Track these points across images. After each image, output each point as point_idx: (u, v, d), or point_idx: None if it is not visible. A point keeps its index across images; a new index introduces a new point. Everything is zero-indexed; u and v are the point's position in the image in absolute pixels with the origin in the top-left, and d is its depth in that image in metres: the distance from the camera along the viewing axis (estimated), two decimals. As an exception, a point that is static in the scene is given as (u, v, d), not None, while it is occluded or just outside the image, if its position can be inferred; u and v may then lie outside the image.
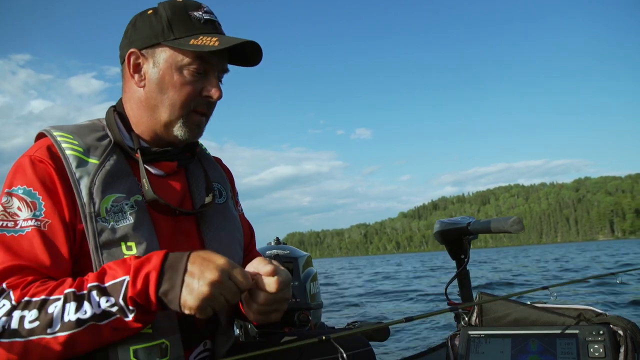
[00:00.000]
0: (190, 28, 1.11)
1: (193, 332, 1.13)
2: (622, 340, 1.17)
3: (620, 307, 6.24)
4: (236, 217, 1.32)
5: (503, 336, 1.30)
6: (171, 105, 1.12)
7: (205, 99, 1.14)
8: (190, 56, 1.11)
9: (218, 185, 1.31)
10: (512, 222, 1.35)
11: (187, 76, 1.11)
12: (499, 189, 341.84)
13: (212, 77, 1.15)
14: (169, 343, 1.02)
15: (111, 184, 1.07)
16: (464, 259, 1.50)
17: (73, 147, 1.07)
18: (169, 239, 1.14)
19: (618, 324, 1.19)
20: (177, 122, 1.14)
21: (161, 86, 1.12)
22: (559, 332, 1.24)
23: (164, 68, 1.12)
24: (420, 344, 4.88)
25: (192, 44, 1.09)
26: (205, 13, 1.14)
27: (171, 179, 1.20)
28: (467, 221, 1.46)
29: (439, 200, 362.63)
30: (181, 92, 1.11)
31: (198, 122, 1.17)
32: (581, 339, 1.20)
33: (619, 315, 1.23)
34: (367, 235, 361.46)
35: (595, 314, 1.24)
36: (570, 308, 1.29)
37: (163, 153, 1.18)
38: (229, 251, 1.23)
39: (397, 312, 7.79)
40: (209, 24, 1.14)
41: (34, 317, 0.87)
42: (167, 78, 1.12)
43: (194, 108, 1.14)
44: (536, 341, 1.26)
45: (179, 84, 1.11)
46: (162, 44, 1.12)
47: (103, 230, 1.02)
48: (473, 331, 1.34)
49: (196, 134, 1.18)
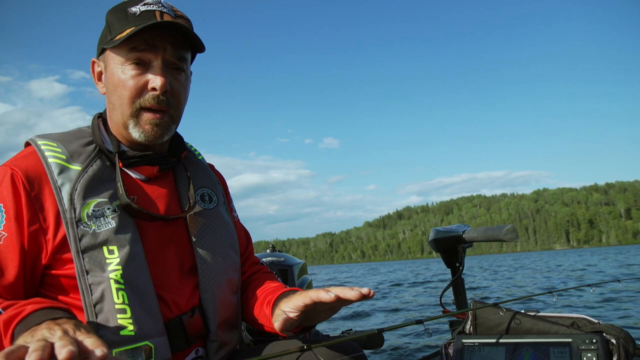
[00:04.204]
0: (123, 25, 1.10)
1: (181, 336, 1.12)
2: (614, 349, 1.19)
3: (613, 316, 6.35)
4: (229, 222, 1.31)
5: (497, 344, 1.30)
6: (120, 105, 1.12)
7: (150, 93, 1.11)
8: (124, 52, 1.10)
9: (208, 190, 1.29)
10: (506, 231, 1.36)
11: (127, 72, 1.10)
12: (462, 199, 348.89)
13: (155, 68, 1.11)
14: (153, 346, 1.02)
15: (93, 189, 1.07)
16: (458, 267, 1.50)
17: (56, 155, 1.07)
18: (155, 244, 1.13)
19: (611, 333, 1.21)
20: (129, 122, 1.13)
21: (111, 88, 1.13)
22: (553, 340, 1.25)
23: (110, 70, 1.12)
24: (415, 351, 4.87)
25: (116, 39, 1.08)
26: (144, 5, 1.11)
27: (156, 183, 1.19)
28: (462, 229, 1.47)
29: (404, 209, 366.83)
30: (124, 89, 1.10)
31: (151, 121, 1.12)
32: (574, 347, 1.21)
33: (612, 324, 1.24)
34: (333, 244, 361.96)
35: (588, 323, 1.26)
36: (564, 317, 1.30)
37: (143, 157, 1.16)
38: (220, 256, 1.23)
39: (392, 320, 7.77)
40: (145, 15, 1.09)
41: None
42: (113, 79, 1.12)
43: (142, 104, 1.11)
44: (530, 349, 1.27)
45: (119, 82, 1.11)
46: (106, 48, 1.12)
47: (84, 235, 1.02)
48: (467, 339, 1.34)
49: (156, 134, 1.14)
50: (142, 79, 1.10)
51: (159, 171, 1.18)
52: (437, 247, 1.52)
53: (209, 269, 1.20)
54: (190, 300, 1.16)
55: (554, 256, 59.89)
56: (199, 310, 1.16)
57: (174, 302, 1.12)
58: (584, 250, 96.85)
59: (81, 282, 1.01)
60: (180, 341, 1.12)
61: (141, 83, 1.10)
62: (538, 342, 1.26)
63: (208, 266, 1.20)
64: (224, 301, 1.21)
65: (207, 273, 1.19)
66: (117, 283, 1.02)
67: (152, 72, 1.10)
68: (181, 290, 1.15)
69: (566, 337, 1.24)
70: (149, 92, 1.10)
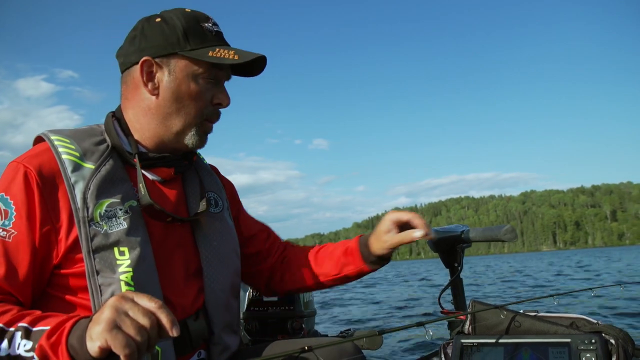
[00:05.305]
0: (204, 40, 1.14)
1: (186, 340, 1.12)
2: (613, 350, 1.19)
3: (613, 316, 6.37)
4: (231, 227, 1.32)
5: (496, 345, 1.30)
6: (187, 114, 1.14)
7: (215, 107, 1.18)
8: (204, 66, 1.13)
9: (214, 194, 1.30)
10: (505, 231, 1.36)
11: (203, 84, 1.14)
12: (451, 201, 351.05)
13: (222, 86, 1.19)
14: (160, 349, 1.03)
15: (106, 189, 1.06)
16: (457, 267, 1.50)
17: (70, 152, 1.06)
18: (162, 246, 1.13)
19: (610, 333, 1.21)
20: (191, 130, 1.16)
21: (177, 95, 1.13)
22: (552, 340, 1.25)
23: (181, 77, 1.13)
24: (413, 351, 4.87)
25: (211, 55, 1.12)
26: (213, 25, 1.18)
27: (167, 185, 1.20)
28: (460, 229, 1.47)
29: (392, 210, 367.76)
30: (197, 102, 1.14)
31: (208, 131, 1.20)
32: (573, 347, 1.21)
33: (611, 324, 1.25)
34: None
35: (587, 323, 1.26)
36: (563, 317, 1.30)
37: (161, 159, 1.17)
38: (224, 260, 1.24)
39: (390, 321, 7.78)
40: (218, 36, 1.18)
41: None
42: (183, 87, 1.13)
43: (207, 117, 1.17)
44: (528, 350, 1.26)
45: (194, 93, 1.14)
46: (178, 53, 1.12)
47: (96, 235, 1.02)
48: (466, 339, 1.33)
49: (204, 142, 1.21)
50: (211, 93, 1.17)
51: (175, 173, 1.20)
52: (435, 247, 1.52)
53: (214, 272, 1.20)
54: (195, 303, 1.16)
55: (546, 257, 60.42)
56: (203, 313, 1.17)
57: (179, 304, 1.12)
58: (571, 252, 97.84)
59: (91, 283, 1.00)
60: (185, 344, 1.12)
61: (211, 97, 1.17)
62: (537, 343, 1.26)
63: (213, 269, 1.20)
64: (227, 305, 1.22)
65: (212, 276, 1.20)
66: (127, 285, 1.01)
67: (219, 90, 1.19)
68: (186, 293, 1.15)
69: (565, 337, 1.24)
70: (215, 107, 1.19)
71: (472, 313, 1.35)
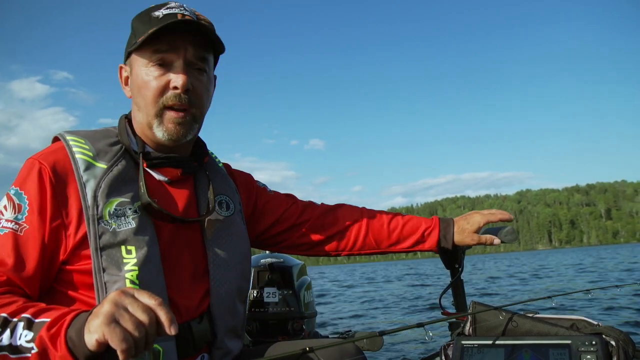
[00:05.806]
0: (146, 28, 1.10)
1: (189, 342, 1.12)
2: (614, 351, 1.19)
3: (614, 317, 6.38)
4: (244, 231, 1.32)
5: (496, 346, 1.30)
6: (144, 105, 1.13)
7: (172, 91, 1.12)
8: (148, 53, 1.11)
9: (226, 198, 1.30)
10: (505, 232, 1.37)
11: (151, 73, 1.11)
12: (446, 200, 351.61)
13: (176, 67, 1.12)
14: (162, 349, 1.03)
15: (117, 188, 1.07)
16: (458, 268, 1.50)
17: (83, 152, 1.08)
18: (170, 247, 1.13)
19: (610, 335, 1.21)
20: (154, 122, 1.13)
21: (136, 90, 1.15)
22: (552, 342, 1.25)
23: (134, 73, 1.15)
24: (414, 352, 4.87)
25: (138, 41, 1.10)
26: (167, 8, 1.12)
27: (177, 186, 1.19)
28: (461, 230, 1.46)
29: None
30: (148, 90, 1.12)
31: (174, 119, 1.13)
32: (574, 349, 1.21)
33: (611, 325, 1.25)
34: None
35: (587, 324, 1.26)
36: (563, 318, 1.31)
37: (166, 159, 1.17)
38: (232, 263, 1.23)
39: (392, 321, 7.77)
40: (167, 17, 1.10)
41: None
42: (137, 80, 1.14)
43: (165, 103, 1.12)
44: (529, 351, 1.26)
45: (143, 83, 1.12)
46: (132, 52, 1.14)
47: (104, 233, 1.03)
48: (466, 341, 1.34)
49: (179, 133, 1.14)
50: (165, 78, 1.11)
51: (182, 174, 1.19)
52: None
53: (221, 275, 1.20)
54: (200, 306, 1.16)
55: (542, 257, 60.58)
56: (207, 317, 1.16)
57: (184, 306, 1.12)
58: (566, 251, 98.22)
59: (97, 280, 1.01)
60: (188, 347, 1.11)
61: (163, 83, 1.11)
62: (537, 344, 1.26)
63: (220, 272, 1.20)
64: (232, 309, 1.21)
65: (219, 279, 1.19)
66: (132, 283, 1.02)
67: (173, 72, 1.12)
68: (192, 295, 1.14)
69: (565, 338, 1.24)
70: (171, 91, 1.12)
71: (473, 314, 1.35)
